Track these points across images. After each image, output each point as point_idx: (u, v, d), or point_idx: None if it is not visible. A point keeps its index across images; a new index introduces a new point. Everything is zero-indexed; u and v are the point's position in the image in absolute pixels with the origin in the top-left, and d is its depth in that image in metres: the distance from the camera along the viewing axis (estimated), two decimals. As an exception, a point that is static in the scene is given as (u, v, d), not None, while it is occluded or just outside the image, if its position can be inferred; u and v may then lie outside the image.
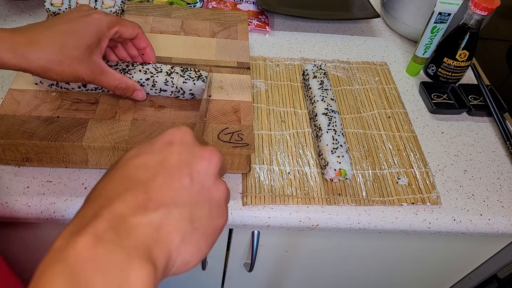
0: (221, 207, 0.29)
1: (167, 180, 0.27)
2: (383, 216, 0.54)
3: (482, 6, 0.63)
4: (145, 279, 0.22)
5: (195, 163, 0.28)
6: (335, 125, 0.58)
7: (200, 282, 0.77)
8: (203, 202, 0.28)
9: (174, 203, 0.26)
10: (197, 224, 0.27)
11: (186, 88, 0.53)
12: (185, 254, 0.26)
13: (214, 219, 0.29)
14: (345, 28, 0.84)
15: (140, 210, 0.25)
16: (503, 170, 0.62)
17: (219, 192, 0.29)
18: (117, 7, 0.61)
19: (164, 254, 0.24)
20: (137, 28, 0.51)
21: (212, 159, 0.29)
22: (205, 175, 0.28)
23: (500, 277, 0.70)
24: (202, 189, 0.28)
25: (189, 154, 0.29)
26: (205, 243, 0.28)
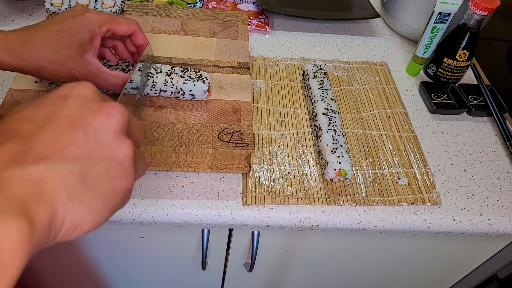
0: (124, 167, 0.27)
1: (53, 133, 0.25)
2: (383, 216, 0.54)
3: (482, 6, 0.63)
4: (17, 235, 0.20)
5: (91, 117, 0.26)
6: (335, 125, 0.58)
7: (200, 282, 0.77)
8: (99, 159, 0.26)
9: (61, 157, 0.24)
10: (91, 182, 0.25)
11: (186, 89, 0.53)
12: (75, 214, 0.24)
13: (113, 179, 0.27)
14: (345, 28, 0.84)
15: (15, 163, 0.23)
16: (503, 170, 0.62)
17: (121, 150, 0.27)
18: (117, 7, 0.61)
19: (46, 210, 0.23)
20: (133, 25, 0.51)
21: (112, 114, 0.27)
22: (103, 130, 0.27)
23: (500, 277, 0.70)
24: (99, 145, 0.26)
25: (84, 108, 0.27)
26: (101, 204, 0.26)
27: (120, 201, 0.28)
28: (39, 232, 0.22)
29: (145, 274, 0.74)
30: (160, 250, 0.65)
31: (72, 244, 0.63)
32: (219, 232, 0.61)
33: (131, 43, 0.54)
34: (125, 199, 0.28)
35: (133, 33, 0.51)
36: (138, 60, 0.51)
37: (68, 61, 0.45)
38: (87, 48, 0.47)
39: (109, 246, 0.64)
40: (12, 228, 0.20)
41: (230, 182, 0.54)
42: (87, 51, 0.47)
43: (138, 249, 0.65)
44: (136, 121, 0.31)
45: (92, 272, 0.73)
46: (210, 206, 0.52)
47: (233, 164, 0.53)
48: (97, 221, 0.26)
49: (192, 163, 0.53)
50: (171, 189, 0.52)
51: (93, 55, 0.47)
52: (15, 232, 0.21)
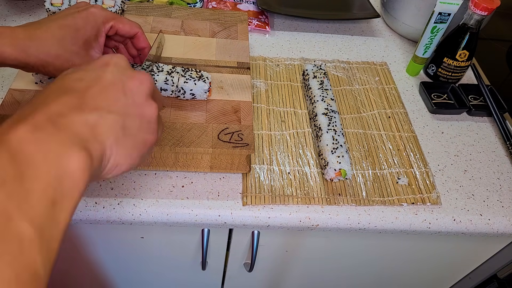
0: (151, 124, 0.33)
1: (101, 91, 0.30)
2: (383, 216, 0.54)
3: (482, 6, 0.63)
4: (82, 163, 0.26)
5: (127, 81, 0.32)
6: (335, 125, 0.58)
7: (200, 282, 0.77)
8: (134, 115, 0.32)
9: (108, 109, 0.30)
10: (129, 132, 0.31)
11: (187, 88, 0.53)
12: (118, 155, 0.30)
13: (144, 132, 0.33)
14: (345, 28, 0.84)
15: (76, 110, 0.28)
16: (503, 170, 0.62)
17: (150, 110, 0.33)
18: (117, 7, 0.61)
19: (99, 148, 0.28)
20: (135, 27, 0.51)
21: (144, 81, 0.33)
22: (137, 92, 0.32)
23: (500, 277, 0.70)
24: (134, 103, 0.32)
25: (122, 74, 0.32)
26: (136, 150, 0.32)
27: (147, 152, 0.34)
28: (95, 164, 0.28)
29: (145, 274, 0.73)
30: (160, 250, 0.65)
31: (72, 243, 0.63)
32: (219, 232, 0.61)
33: (132, 46, 0.54)
34: (150, 151, 0.35)
35: (136, 35, 0.52)
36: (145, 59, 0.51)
37: (73, 57, 0.45)
38: (93, 45, 0.47)
39: (109, 246, 0.64)
40: (78, 157, 0.26)
41: (230, 182, 0.54)
42: (92, 48, 0.47)
43: (138, 249, 0.65)
44: (158, 93, 0.37)
45: (91, 272, 0.73)
46: (210, 206, 0.52)
47: (233, 164, 0.53)
48: (131, 164, 0.32)
49: (192, 163, 0.53)
50: (171, 189, 0.52)
51: (98, 52, 0.48)
52: (80, 160, 0.26)
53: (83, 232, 0.60)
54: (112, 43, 0.53)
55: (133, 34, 0.51)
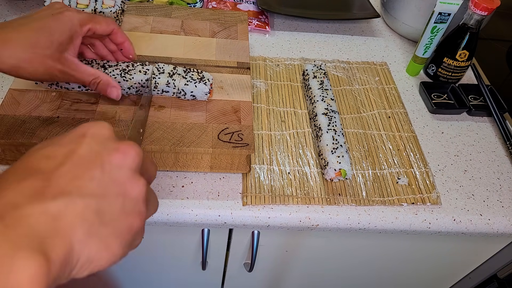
0: (138, 205, 0.28)
1: (73, 170, 0.25)
2: (383, 216, 0.54)
3: (482, 6, 0.63)
4: (34, 271, 0.21)
5: (108, 155, 0.27)
6: (335, 125, 0.58)
7: (200, 282, 0.77)
8: (115, 196, 0.26)
9: (79, 192, 0.25)
10: (107, 218, 0.26)
11: (188, 90, 0.53)
12: (91, 249, 0.24)
13: (128, 215, 0.27)
14: (345, 28, 0.84)
15: (36, 198, 0.23)
16: (503, 170, 0.62)
17: (135, 188, 0.27)
18: (117, 7, 0.61)
19: (63, 246, 0.23)
20: (111, 24, 0.50)
21: (128, 153, 0.28)
22: (119, 168, 0.27)
23: (500, 277, 0.70)
24: (115, 182, 0.27)
25: (101, 146, 0.27)
26: (116, 241, 0.26)
27: (133, 239, 0.28)
28: (56, 268, 0.22)
29: (145, 274, 0.73)
30: (160, 250, 0.65)
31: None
32: (219, 232, 0.61)
33: (110, 42, 0.54)
34: (138, 237, 0.28)
35: (112, 32, 0.51)
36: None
37: (46, 61, 0.44)
38: (67, 47, 0.46)
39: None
40: (30, 264, 0.21)
41: (230, 182, 0.54)
42: (66, 50, 0.46)
43: (138, 249, 0.64)
44: (149, 158, 0.32)
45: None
46: (210, 206, 0.52)
47: (233, 164, 0.53)
48: (112, 258, 0.26)
49: (192, 163, 0.53)
50: (171, 189, 0.52)
51: (72, 54, 0.47)
52: (33, 268, 0.21)
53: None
54: (88, 40, 0.53)
55: (109, 31, 0.51)
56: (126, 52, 0.54)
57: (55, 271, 0.22)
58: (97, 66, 0.53)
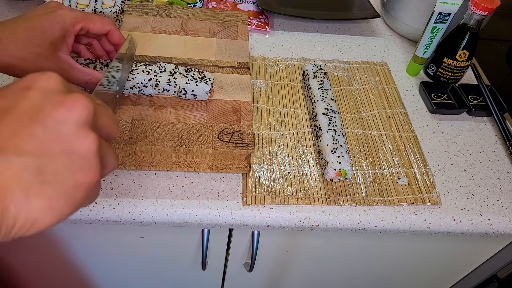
0: (87, 161, 0.26)
1: (10, 126, 0.24)
2: (383, 216, 0.54)
3: (482, 6, 0.63)
4: None
5: (52, 110, 0.25)
6: (335, 125, 0.58)
7: (200, 282, 0.77)
8: (59, 153, 0.25)
9: (16, 151, 0.24)
10: (50, 177, 0.25)
11: (189, 88, 0.53)
12: (31, 209, 0.24)
13: (75, 173, 0.26)
14: (345, 28, 0.84)
15: None
16: (503, 170, 0.62)
17: (83, 144, 0.26)
18: (117, 7, 0.61)
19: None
20: (107, 24, 0.50)
21: (75, 106, 0.26)
22: (63, 123, 0.26)
23: (500, 277, 0.70)
24: (59, 138, 0.25)
25: (45, 100, 0.26)
26: (62, 199, 0.25)
27: (84, 197, 0.27)
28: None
29: (145, 274, 0.74)
30: (160, 250, 0.65)
31: (72, 244, 0.63)
32: (219, 232, 0.61)
33: (107, 42, 0.54)
34: (90, 194, 0.28)
35: (109, 32, 0.51)
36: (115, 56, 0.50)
37: (39, 59, 0.44)
38: (59, 46, 0.46)
39: (109, 246, 0.64)
40: None
41: (230, 182, 0.54)
42: (59, 49, 0.46)
43: (138, 249, 0.65)
44: (106, 113, 0.30)
45: (91, 272, 0.73)
46: (210, 206, 0.52)
47: (233, 164, 0.53)
48: (58, 217, 0.25)
49: (192, 163, 0.53)
50: (171, 189, 0.52)
51: (65, 53, 0.47)
52: None
53: (83, 233, 0.60)
54: (85, 40, 0.53)
55: (106, 31, 0.50)
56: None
57: None
58: (100, 66, 0.53)
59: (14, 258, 0.67)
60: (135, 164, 0.52)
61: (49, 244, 0.63)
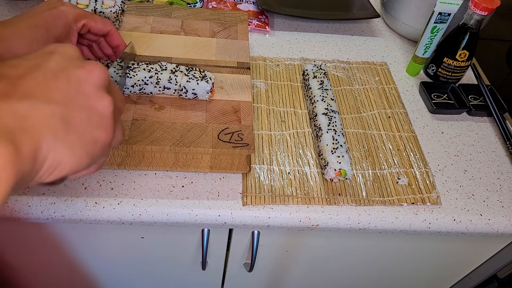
0: (103, 120, 0.29)
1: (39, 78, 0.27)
2: (383, 216, 0.54)
3: (482, 6, 0.63)
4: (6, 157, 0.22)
5: (74, 70, 0.28)
6: (335, 125, 0.58)
7: (200, 282, 0.77)
8: (81, 107, 0.28)
9: (45, 98, 0.26)
10: (73, 126, 0.27)
11: (189, 87, 0.53)
12: (57, 152, 0.26)
13: (94, 128, 0.28)
14: (345, 28, 0.84)
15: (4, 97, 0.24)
16: (503, 170, 0.62)
17: (102, 103, 0.29)
18: (117, 7, 0.61)
19: (31, 142, 0.24)
20: (108, 24, 0.50)
21: (94, 70, 0.29)
22: (84, 82, 0.28)
23: (500, 277, 0.70)
24: (81, 94, 0.28)
25: (68, 62, 0.28)
26: (82, 148, 0.27)
27: (99, 152, 0.29)
28: (24, 160, 0.24)
29: (145, 274, 0.74)
30: (160, 250, 0.65)
31: (72, 244, 0.63)
32: (219, 232, 0.61)
33: (106, 45, 0.54)
34: (104, 152, 0.30)
35: (109, 33, 0.51)
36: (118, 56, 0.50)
37: None
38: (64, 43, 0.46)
39: (109, 246, 0.64)
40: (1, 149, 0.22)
41: (230, 182, 0.54)
42: None
43: (138, 249, 0.65)
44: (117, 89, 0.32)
45: (91, 272, 0.73)
46: (210, 206, 0.52)
47: (233, 164, 0.53)
48: (77, 164, 0.27)
49: (192, 163, 0.53)
50: (171, 189, 0.52)
51: None
52: (4, 152, 0.22)
53: (83, 233, 0.60)
54: (85, 42, 0.53)
55: (106, 32, 0.51)
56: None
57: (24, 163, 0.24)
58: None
59: (14, 257, 0.67)
60: (135, 164, 0.52)
61: (49, 244, 0.63)
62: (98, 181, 0.52)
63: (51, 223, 0.50)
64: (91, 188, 0.51)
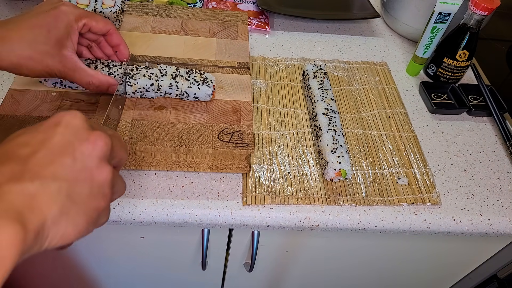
0: (103, 190, 0.32)
1: (47, 156, 0.29)
2: (383, 216, 0.54)
3: (482, 6, 0.63)
4: (12, 236, 0.24)
5: (79, 145, 0.30)
6: (335, 125, 0.58)
7: (200, 282, 0.77)
8: (84, 181, 0.30)
9: (52, 177, 0.28)
10: (76, 199, 0.29)
11: (191, 92, 0.53)
12: (61, 225, 0.28)
13: (94, 199, 0.31)
14: (345, 28, 0.84)
15: (15, 179, 0.27)
16: (503, 170, 0.62)
17: (102, 175, 0.31)
18: (117, 7, 0.61)
19: (38, 219, 0.26)
20: (108, 24, 0.50)
21: (98, 143, 0.31)
22: (88, 156, 0.31)
23: (500, 277, 0.70)
24: (84, 169, 0.30)
25: (73, 136, 0.31)
26: (83, 220, 0.30)
27: (99, 218, 0.32)
28: (31, 237, 0.26)
29: (145, 274, 0.74)
30: (160, 250, 0.65)
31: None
32: (219, 232, 0.61)
33: (106, 44, 0.54)
34: (103, 216, 0.33)
35: (108, 32, 0.51)
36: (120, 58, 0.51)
37: (45, 58, 0.44)
38: (65, 43, 0.46)
39: (109, 246, 0.64)
40: (9, 230, 0.24)
41: (230, 182, 0.54)
42: (65, 46, 0.46)
43: (138, 249, 0.65)
44: (119, 144, 0.35)
45: (91, 273, 0.73)
46: (210, 206, 0.52)
47: (233, 164, 0.53)
48: (79, 233, 0.30)
49: (192, 163, 0.53)
50: (171, 189, 0.52)
51: (71, 51, 0.47)
52: (11, 233, 0.24)
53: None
54: (86, 42, 0.53)
55: (106, 31, 0.51)
56: (121, 55, 0.54)
57: (30, 239, 0.26)
58: (101, 66, 0.53)
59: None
60: (135, 164, 0.52)
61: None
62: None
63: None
64: (91, 188, 0.51)
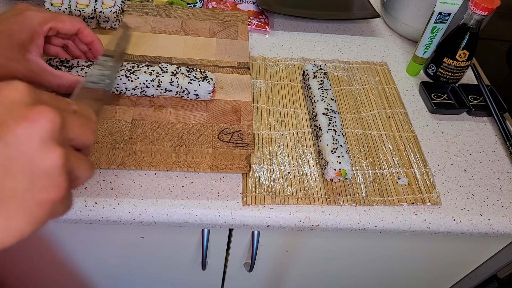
0: (51, 178, 0.25)
1: None
2: (383, 216, 0.54)
3: (482, 6, 0.63)
4: None
5: (14, 125, 0.24)
6: (335, 125, 0.58)
7: (200, 282, 0.77)
8: (19, 172, 0.24)
9: None
10: (7, 196, 0.24)
11: (191, 88, 0.53)
12: None
13: (38, 191, 0.25)
14: (345, 28, 0.84)
15: None
16: (503, 170, 0.62)
17: (47, 160, 0.24)
18: (117, 7, 0.61)
19: None
20: (77, 23, 0.49)
21: (39, 120, 0.24)
22: (26, 140, 0.24)
23: (500, 277, 0.70)
24: (20, 156, 0.24)
25: (8, 114, 0.24)
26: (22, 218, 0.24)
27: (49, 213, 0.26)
28: None
29: (145, 274, 0.74)
30: (160, 250, 0.65)
31: (71, 243, 0.63)
32: (219, 232, 0.61)
33: (80, 42, 0.53)
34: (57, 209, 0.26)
35: (79, 30, 0.50)
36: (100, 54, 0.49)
37: (8, 63, 0.44)
38: (29, 48, 0.45)
39: (109, 246, 0.64)
40: None
41: (230, 182, 0.54)
42: (28, 51, 0.45)
43: (138, 249, 0.65)
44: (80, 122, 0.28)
45: (91, 272, 0.73)
46: (210, 206, 0.52)
47: (233, 164, 0.53)
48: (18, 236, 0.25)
49: (192, 163, 0.53)
50: (171, 189, 0.52)
51: (35, 55, 0.46)
52: None
53: (82, 233, 0.60)
54: (60, 41, 0.52)
55: (75, 30, 0.50)
56: (95, 52, 0.53)
57: None
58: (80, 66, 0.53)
59: (10, 259, 0.67)
60: (135, 164, 0.52)
61: (48, 243, 0.63)
62: (98, 181, 0.52)
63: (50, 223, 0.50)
64: (91, 188, 0.51)
